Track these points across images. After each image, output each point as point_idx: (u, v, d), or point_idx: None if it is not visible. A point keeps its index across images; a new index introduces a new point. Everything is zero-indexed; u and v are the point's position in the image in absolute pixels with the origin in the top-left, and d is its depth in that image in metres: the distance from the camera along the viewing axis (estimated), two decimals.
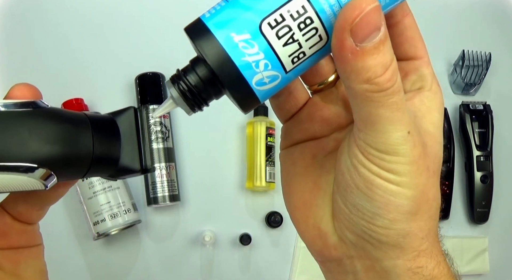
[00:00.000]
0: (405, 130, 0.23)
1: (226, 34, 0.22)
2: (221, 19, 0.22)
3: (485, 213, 0.79)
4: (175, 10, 0.79)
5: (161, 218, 0.73)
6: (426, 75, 0.26)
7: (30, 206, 0.28)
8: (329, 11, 0.21)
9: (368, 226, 0.24)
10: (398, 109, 0.22)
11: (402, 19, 0.26)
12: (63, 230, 0.71)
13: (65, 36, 0.76)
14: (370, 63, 0.21)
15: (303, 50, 0.22)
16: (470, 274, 0.79)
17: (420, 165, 0.24)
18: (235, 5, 0.22)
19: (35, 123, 0.24)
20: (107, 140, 0.26)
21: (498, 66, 0.84)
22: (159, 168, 0.70)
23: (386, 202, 0.23)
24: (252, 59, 0.22)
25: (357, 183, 0.24)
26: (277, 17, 0.21)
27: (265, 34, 0.21)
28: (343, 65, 0.21)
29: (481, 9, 0.88)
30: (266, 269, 0.75)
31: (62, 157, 0.24)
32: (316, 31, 0.22)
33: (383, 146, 0.23)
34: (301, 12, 0.21)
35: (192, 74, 0.23)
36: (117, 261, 0.72)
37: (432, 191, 0.25)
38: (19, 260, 0.28)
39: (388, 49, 0.21)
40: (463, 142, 0.81)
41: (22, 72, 0.75)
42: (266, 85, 0.23)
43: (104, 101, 0.74)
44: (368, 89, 0.21)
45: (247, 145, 0.76)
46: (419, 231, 0.24)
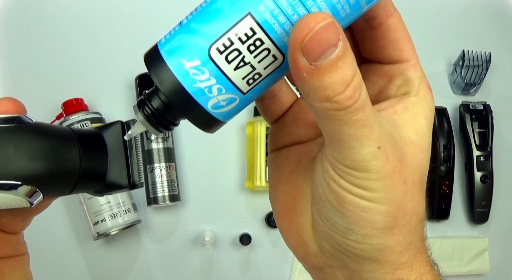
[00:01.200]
0: (373, 146, 0.21)
1: (177, 62, 0.21)
2: (173, 45, 0.22)
3: (485, 213, 0.79)
4: (175, 10, 0.78)
5: (161, 218, 0.73)
6: (412, 79, 0.25)
7: (14, 216, 0.27)
8: (280, 30, 0.21)
9: (343, 240, 0.24)
10: (363, 126, 0.21)
11: (386, 19, 0.24)
12: (63, 230, 0.71)
13: (65, 36, 0.76)
14: (328, 81, 0.19)
15: (258, 72, 0.22)
16: (470, 274, 0.79)
17: (394, 180, 0.22)
18: (186, 31, 0.22)
19: (20, 139, 0.23)
20: (94, 155, 0.26)
21: (498, 66, 0.84)
22: (159, 168, 0.70)
23: (359, 218, 0.23)
24: (204, 85, 0.21)
25: (329, 198, 0.23)
26: (225, 42, 0.21)
27: (214, 60, 0.21)
28: (300, 84, 0.20)
29: (481, 9, 0.88)
30: (266, 269, 0.75)
31: (48, 173, 0.24)
32: (269, 52, 0.21)
33: (352, 163, 0.22)
34: (249, 35, 0.21)
35: (155, 98, 0.23)
36: (117, 261, 0.72)
37: (411, 204, 0.24)
38: (4, 270, 0.27)
39: (349, 64, 0.20)
40: (463, 142, 0.81)
41: (22, 73, 0.75)
42: (224, 107, 0.22)
43: (104, 101, 0.74)
44: (328, 108, 0.20)
45: (247, 145, 0.76)
46: (396, 245, 0.23)
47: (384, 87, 0.26)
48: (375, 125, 0.21)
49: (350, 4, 0.21)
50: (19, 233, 0.29)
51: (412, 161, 0.24)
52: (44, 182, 0.23)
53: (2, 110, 0.24)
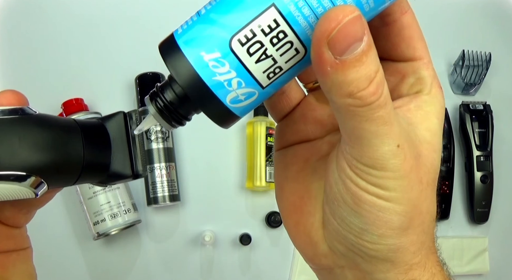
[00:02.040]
0: (393, 144, 0.21)
1: (196, 53, 0.21)
2: (191, 36, 0.21)
3: (485, 213, 0.79)
4: (175, 10, 0.79)
5: (161, 218, 0.73)
6: (425, 78, 0.25)
7: (17, 210, 0.27)
8: (304, 23, 0.20)
9: (357, 240, 0.23)
10: (384, 123, 0.20)
11: (400, 17, 0.24)
12: (63, 230, 0.71)
13: (65, 36, 0.76)
14: (352, 77, 0.19)
15: (279, 65, 0.21)
16: (470, 274, 0.79)
17: (411, 179, 0.22)
18: (205, 21, 0.21)
19: (24, 130, 0.23)
20: (97, 145, 0.26)
21: (498, 66, 0.84)
22: (159, 168, 0.70)
23: (375, 218, 0.22)
24: (224, 78, 0.21)
25: (344, 198, 0.23)
26: (247, 33, 0.20)
27: (236, 52, 0.20)
28: (323, 79, 0.20)
29: (481, 9, 0.88)
30: (266, 269, 0.75)
31: (53, 164, 0.24)
32: (292, 45, 0.20)
33: (370, 161, 0.21)
34: (273, 27, 0.20)
35: (168, 91, 0.22)
36: (117, 261, 0.72)
37: (426, 203, 0.23)
38: (7, 264, 0.27)
39: (372, 59, 0.19)
40: (463, 142, 0.81)
41: (22, 72, 0.75)
42: (243, 102, 0.22)
43: (104, 101, 0.74)
44: (351, 104, 0.20)
45: (247, 145, 0.76)
46: (410, 245, 0.23)
47: (397, 85, 0.26)
48: (395, 122, 0.21)
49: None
50: (22, 227, 0.29)
51: (427, 160, 0.23)
52: (48, 173, 0.23)
53: (4, 103, 0.24)
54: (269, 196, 0.76)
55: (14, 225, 0.28)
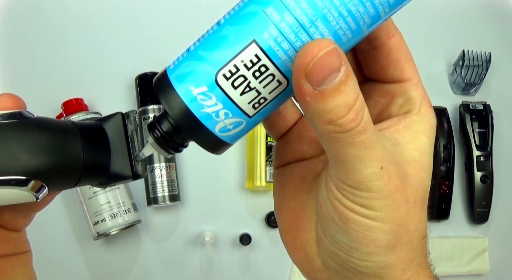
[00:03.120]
0: (376, 167, 0.22)
1: (186, 88, 0.22)
2: (181, 72, 0.22)
3: (485, 213, 0.79)
4: (175, 10, 0.79)
5: (161, 218, 0.73)
6: (414, 98, 0.26)
7: (16, 213, 0.27)
8: (284, 56, 0.21)
9: (347, 257, 0.24)
10: (366, 148, 0.21)
11: (387, 40, 0.25)
12: (63, 230, 0.71)
13: (65, 36, 0.76)
14: (332, 105, 0.20)
15: (263, 96, 0.22)
16: (470, 274, 0.79)
17: (396, 198, 0.23)
18: (193, 57, 0.22)
19: (23, 135, 0.23)
20: (96, 147, 0.26)
21: (498, 66, 0.84)
22: (159, 168, 0.70)
23: (362, 236, 0.23)
24: (211, 110, 0.22)
25: (333, 217, 0.24)
26: (231, 68, 0.21)
27: (221, 86, 0.22)
28: (304, 108, 0.21)
29: (481, 9, 0.88)
30: (266, 269, 0.75)
31: (53, 167, 0.24)
32: (274, 77, 0.22)
33: (355, 183, 0.22)
34: (254, 61, 0.21)
35: (164, 122, 0.24)
36: (117, 261, 0.72)
37: (413, 222, 0.24)
38: (6, 268, 0.27)
39: (351, 88, 0.20)
40: (463, 142, 0.81)
41: (22, 73, 0.75)
42: (231, 131, 0.23)
43: (104, 101, 0.74)
44: (332, 130, 0.21)
45: (247, 144, 0.76)
46: (399, 262, 0.24)
47: (386, 106, 0.26)
48: (378, 146, 0.22)
49: (352, 29, 0.21)
50: (22, 230, 0.29)
51: (414, 179, 0.24)
52: (49, 176, 0.24)
53: (2, 107, 0.24)
54: (269, 196, 0.76)
55: (13, 228, 0.28)
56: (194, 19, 0.68)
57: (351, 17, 0.21)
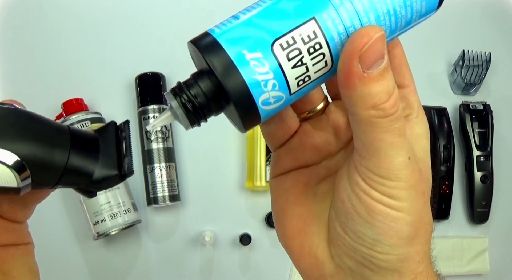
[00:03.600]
0: (406, 156, 0.23)
1: (238, 51, 0.22)
2: (233, 35, 0.22)
3: (485, 213, 0.79)
4: (175, 10, 0.79)
5: (161, 218, 0.73)
6: (413, 103, 0.27)
7: (13, 204, 0.28)
8: (337, 38, 0.22)
9: (368, 252, 0.25)
10: (400, 135, 0.23)
11: (392, 49, 0.27)
12: (63, 230, 0.71)
13: (65, 36, 0.76)
14: (376, 90, 0.21)
15: (309, 74, 0.23)
16: (470, 274, 0.79)
17: (418, 190, 0.24)
18: (248, 24, 0.22)
19: (15, 119, 0.24)
20: (84, 154, 0.26)
21: (498, 66, 0.84)
22: (159, 168, 0.70)
23: (387, 228, 0.24)
24: (262, 78, 0.22)
25: (358, 210, 0.24)
26: (288, 39, 0.22)
27: (276, 55, 0.22)
28: (349, 91, 0.22)
29: (481, 9, 0.88)
30: (266, 269, 0.75)
31: (39, 154, 0.24)
32: (323, 57, 0.22)
33: (385, 172, 0.23)
34: (311, 37, 0.22)
35: (195, 88, 0.23)
36: (117, 261, 0.72)
37: (428, 215, 0.25)
38: (5, 257, 0.28)
39: (391, 76, 0.22)
40: (463, 142, 0.81)
41: (22, 72, 0.75)
42: (271, 105, 0.23)
43: (104, 101, 0.74)
44: (373, 115, 0.22)
45: (247, 144, 0.76)
46: (416, 255, 0.25)
47: None
48: (407, 136, 0.23)
49: (391, 28, 0.24)
50: (22, 222, 0.29)
51: (425, 175, 0.26)
52: (34, 162, 0.24)
53: None
54: (269, 196, 0.76)
55: (12, 219, 0.28)
56: (194, 19, 0.68)
57: (394, 17, 0.23)
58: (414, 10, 0.23)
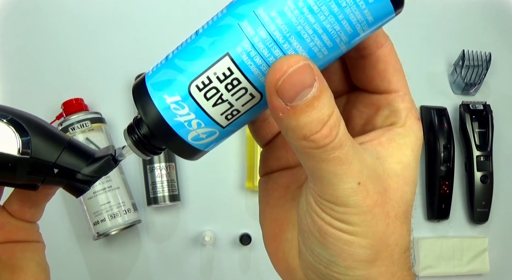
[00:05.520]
0: (353, 182, 0.21)
1: (160, 96, 0.22)
2: (157, 79, 0.23)
3: (485, 213, 0.79)
4: (175, 10, 0.79)
5: (161, 218, 0.73)
6: (399, 110, 0.25)
7: (22, 203, 0.30)
8: (256, 71, 0.21)
9: (326, 271, 0.24)
10: (342, 163, 0.21)
11: (376, 50, 0.24)
12: (63, 230, 0.71)
13: (65, 36, 0.76)
14: (305, 121, 0.20)
15: (236, 108, 0.22)
16: (470, 274, 0.79)
17: (376, 213, 0.22)
18: (169, 66, 0.23)
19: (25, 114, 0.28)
20: (74, 158, 0.28)
21: (498, 66, 0.84)
22: (159, 168, 0.70)
23: (340, 251, 0.23)
24: (184, 119, 0.22)
25: (312, 230, 0.23)
26: (204, 80, 0.22)
27: (194, 96, 0.22)
28: (278, 123, 0.21)
29: (481, 9, 0.88)
30: (266, 269, 0.75)
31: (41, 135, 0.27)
32: (246, 91, 0.22)
33: (332, 198, 0.22)
34: (227, 74, 0.21)
35: (143, 126, 0.25)
36: (117, 261, 0.72)
37: (394, 236, 0.23)
38: (14, 252, 0.29)
39: (325, 103, 0.20)
40: (463, 142, 0.81)
41: (22, 72, 0.75)
42: (204, 139, 0.23)
43: (104, 101, 0.74)
44: (306, 146, 0.20)
45: (247, 144, 0.76)
46: (379, 276, 0.23)
47: (371, 117, 0.26)
48: (355, 161, 0.21)
49: (327, 46, 0.21)
50: (33, 222, 0.31)
51: (395, 194, 0.24)
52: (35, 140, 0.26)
53: None
54: None
55: (22, 217, 0.30)
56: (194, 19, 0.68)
57: (326, 35, 0.21)
58: (353, 22, 0.21)
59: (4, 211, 0.30)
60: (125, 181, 0.69)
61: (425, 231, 0.79)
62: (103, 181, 0.66)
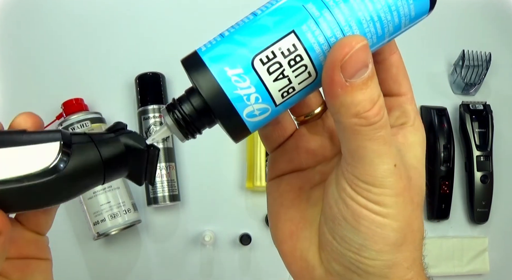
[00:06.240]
0: (391, 163, 0.23)
1: (220, 68, 0.23)
2: (216, 53, 0.23)
3: (485, 213, 0.79)
4: (175, 10, 0.79)
5: (161, 218, 0.73)
6: (409, 112, 0.27)
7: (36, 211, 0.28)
8: (318, 49, 0.23)
9: (355, 257, 0.25)
10: (385, 143, 0.23)
11: (389, 56, 0.27)
12: (63, 230, 0.71)
13: (65, 36, 0.76)
14: (359, 98, 0.21)
15: (293, 86, 0.23)
16: (470, 274, 0.79)
17: (405, 197, 0.24)
18: (230, 41, 0.23)
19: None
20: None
21: (498, 66, 0.84)
22: (159, 168, 0.70)
23: (373, 234, 0.24)
24: (244, 92, 0.23)
25: (344, 215, 0.24)
26: (268, 54, 0.22)
27: (257, 70, 0.23)
28: (333, 100, 0.22)
29: (481, 9, 0.88)
30: (266, 269, 0.75)
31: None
32: (306, 68, 0.23)
33: (370, 178, 0.23)
34: (291, 50, 0.22)
35: (186, 104, 0.24)
36: (117, 261, 0.72)
37: (417, 222, 0.25)
38: (26, 271, 0.29)
39: (376, 85, 0.22)
40: (463, 142, 0.81)
41: (22, 72, 0.75)
42: (257, 117, 0.24)
43: (104, 101, 0.74)
44: (357, 123, 0.22)
45: (247, 144, 0.76)
46: (404, 261, 0.25)
47: None
48: (393, 144, 0.23)
49: (378, 34, 0.23)
50: (43, 234, 0.30)
51: (416, 183, 0.26)
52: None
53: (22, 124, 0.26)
54: None
55: (36, 228, 0.29)
56: (194, 20, 0.68)
57: (379, 23, 0.23)
58: (401, 14, 0.23)
59: (17, 224, 0.29)
60: (125, 181, 0.69)
61: (425, 231, 0.79)
62: None
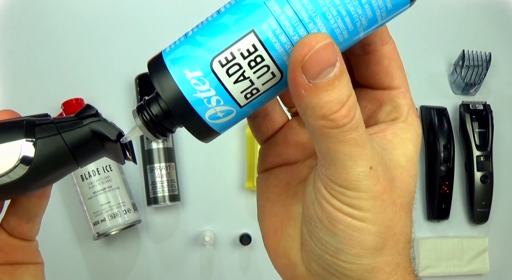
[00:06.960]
0: (365, 166, 0.22)
1: (180, 71, 0.22)
2: (177, 55, 0.23)
3: (485, 213, 0.79)
4: (175, 10, 0.79)
5: (161, 218, 0.73)
6: (401, 106, 0.26)
7: (18, 218, 0.28)
8: (280, 49, 0.22)
9: (332, 260, 0.24)
10: (357, 145, 0.21)
11: (380, 47, 0.25)
12: (63, 230, 0.71)
13: (65, 36, 0.76)
14: (325, 99, 0.20)
15: (256, 87, 0.22)
16: (470, 274, 0.79)
17: (384, 200, 0.23)
18: (191, 42, 0.22)
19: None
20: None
21: (498, 66, 0.84)
22: (159, 168, 0.70)
23: (349, 238, 0.23)
24: (204, 95, 0.22)
25: (320, 217, 0.23)
26: (227, 56, 0.22)
27: (216, 72, 0.22)
28: (298, 102, 0.21)
29: (481, 9, 0.88)
30: (266, 269, 0.75)
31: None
32: (268, 69, 0.22)
33: (344, 182, 0.22)
34: (251, 51, 0.21)
35: (154, 105, 0.24)
36: (117, 261, 0.72)
37: (399, 225, 0.24)
38: (14, 275, 0.28)
39: (345, 84, 0.20)
40: (463, 142, 0.81)
41: (22, 72, 0.75)
42: (221, 119, 0.23)
43: (104, 101, 0.74)
44: (324, 126, 0.21)
45: (247, 144, 0.76)
46: (385, 266, 0.24)
47: (374, 112, 0.27)
48: (368, 145, 0.22)
49: (349, 29, 0.22)
50: (31, 240, 0.29)
51: (401, 183, 0.24)
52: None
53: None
54: None
55: (21, 236, 0.28)
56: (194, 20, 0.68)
57: (349, 17, 0.21)
58: (374, 7, 0.22)
59: (2, 231, 0.28)
60: (125, 181, 0.69)
61: (425, 231, 0.79)
62: (103, 181, 0.66)
